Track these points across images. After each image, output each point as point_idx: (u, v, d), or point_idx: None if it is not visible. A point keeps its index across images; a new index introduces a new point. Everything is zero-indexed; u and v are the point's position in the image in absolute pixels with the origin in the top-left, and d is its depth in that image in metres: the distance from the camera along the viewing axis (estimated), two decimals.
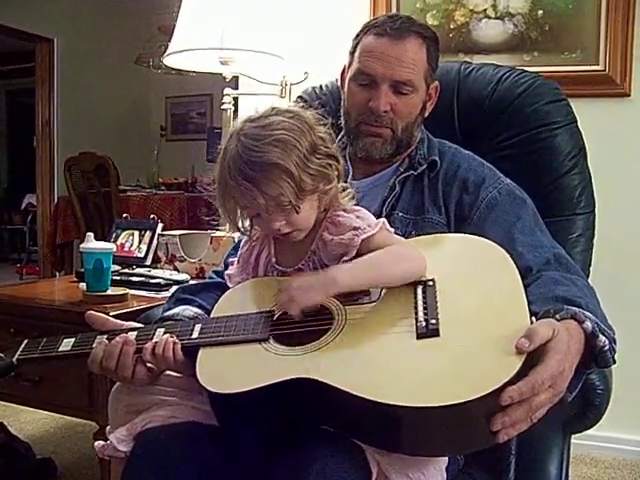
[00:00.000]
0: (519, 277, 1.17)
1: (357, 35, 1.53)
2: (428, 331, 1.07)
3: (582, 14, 2.58)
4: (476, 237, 1.30)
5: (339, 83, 1.63)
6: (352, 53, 1.53)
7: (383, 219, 1.29)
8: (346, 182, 1.35)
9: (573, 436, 1.46)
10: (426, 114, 1.57)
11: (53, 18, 6.03)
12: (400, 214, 1.47)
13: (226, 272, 1.42)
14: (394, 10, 2.78)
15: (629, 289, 2.58)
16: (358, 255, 1.22)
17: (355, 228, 1.23)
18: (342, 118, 1.56)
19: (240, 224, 1.31)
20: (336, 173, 1.26)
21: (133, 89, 6.99)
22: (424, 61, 1.48)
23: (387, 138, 1.50)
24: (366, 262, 1.19)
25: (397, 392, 0.98)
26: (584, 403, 1.33)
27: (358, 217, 1.26)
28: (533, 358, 1.00)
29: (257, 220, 1.27)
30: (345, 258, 1.23)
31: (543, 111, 1.71)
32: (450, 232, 1.44)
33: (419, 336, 1.07)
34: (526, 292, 1.13)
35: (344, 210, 1.28)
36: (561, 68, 2.58)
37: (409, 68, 1.45)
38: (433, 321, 1.08)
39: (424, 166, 1.51)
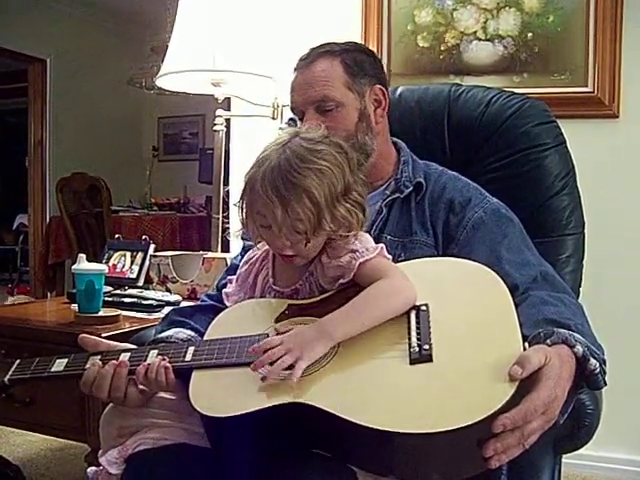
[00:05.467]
0: (511, 301, 1.17)
1: None
2: (421, 356, 1.08)
3: (571, 36, 2.61)
4: (469, 261, 1.31)
5: None
6: None
7: (382, 245, 1.30)
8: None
9: (564, 456, 1.46)
10: (380, 119, 1.55)
11: (46, 38, 6.05)
12: (388, 237, 1.47)
13: (224, 290, 1.43)
14: (385, 32, 2.80)
15: (617, 308, 2.59)
16: (354, 278, 1.23)
17: (353, 251, 1.24)
18: None
19: (249, 227, 1.30)
20: (356, 223, 1.26)
21: (126, 109, 7.00)
22: (339, 73, 1.47)
23: None
24: (359, 307, 1.17)
25: (389, 417, 0.98)
26: (574, 423, 1.32)
27: (357, 240, 1.27)
28: (526, 385, 1.00)
29: (265, 232, 1.25)
30: (342, 281, 1.24)
31: (532, 133, 1.73)
32: (438, 253, 1.45)
33: (412, 361, 1.08)
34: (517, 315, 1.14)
35: None
36: (550, 89, 2.61)
37: (320, 86, 1.46)
38: (426, 346, 1.09)
39: (410, 188, 1.51)
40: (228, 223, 2.64)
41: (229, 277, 1.46)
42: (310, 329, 1.14)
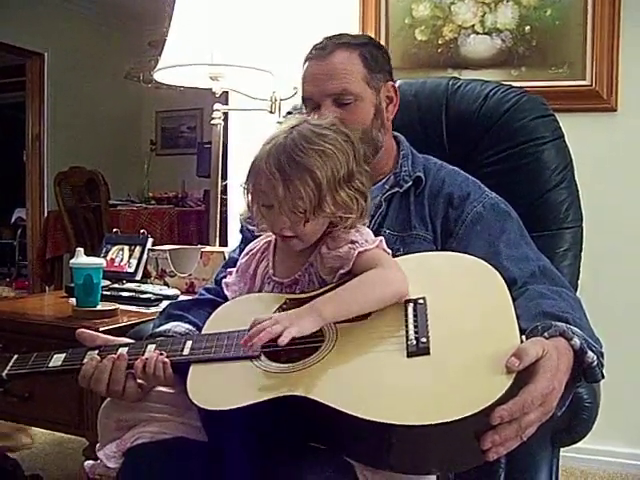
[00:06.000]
0: (509, 294, 1.18)
1: None
2: (418, 349, 1.08)
3: (568, 30, 2.61)
4: (466, 255, 1.31)
5: None
6: None
7: (381, 238, 1.30)
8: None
9: (563, 449, 1.46)
10: (390, 116, 1.56)
11: (44, 32, 6.04)
12: (387, 231, 1.47)
13: (224, 280, 1.43)
14: (383, 26, 2.80)
15: (615, 302, 2.59)
16: (352, 269, 1.23)
17: (352, 242, 1.25)
18: None
19: (252, 209, 1.31)
20: (357, 208, 1.26)
21: (123, 103, 6.99)
22: (359, 67, 1.47)
23: None
24: (349, 292, 1.19)
25: (386, 410, 0.98)
26: (572, 416, 1.33)
27: (357, 231, 1.28)
28: (523, 377, 1.01)
29: (267, 212, 1.26)
30: (341, 271, 1.24)
31: (530, 126, 1.73)
32: (437, 247, 1.45)
33: (410, 354, 1.08)
34: (514, 307, 1.14)
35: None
36: (548, 83, 2.60)
37: (340, 79, 1.45)
38: (424, 339, 1.09)
39: (409, 183, 1.51)
40: (226, 216, 2.64)
41: (229, 269, 1.46)
42: (300, 308, 1.16)
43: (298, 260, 1.32)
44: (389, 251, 1.31)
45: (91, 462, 1.25)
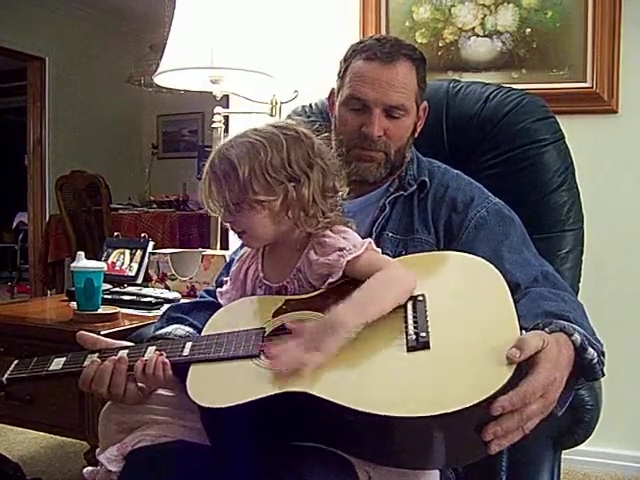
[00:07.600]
0: (508, 291, 1.18)
1: (345, 59, 1.52)
2: (418, 344, 1.08)
3: (569, 32, 2.61)
4: (464, 254, 1.31)
5: (328, 107, 1.64)
6: (341, 77, 1.53)
7: (369, 239, 1.29)
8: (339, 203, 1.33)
9: (565, 452, 1.46)
10: (416, 134, 1.57)
11: (44, 37, 6.04)
12: (390, 234, 1.47)
13: (218, 290, 1.43)
14: (383, 29, 2.80)
15: (616, 304, 2.59)
16: (344, 276, 1.23)
17: (341, 249, 1.24)
18: (333, 142, 1.50)
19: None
20: (295, 198, 1.24)
21: (125, 107, 6.99)
22: (414, 83, 1.48)
23: (381, 161, 1.49)
24: (365, 295, 1.16)
25: (387, 403, 0.98)
26: (574, 419, 1.33)
27: (344, 238, 1.27)
28: (523, 369, 1.01)
29: (215, 209, 1.29)
30: (330, 280, 1.24)
31: (531, 129, 1.73)
32: (439, 251, 1.45)
33: (409, 349, 1.08)
34: (515, 307, 1.14)
35: (331, 230, 1.28)
36: (549, 85, 2.60)
37: (401, 92, 1.45)
38: (423, 334, 1.09)
39: (414, 187, 1.51)
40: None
41: (224, 278, 1.46)
42: (324, 325, 1.11)
43: (286, 265, 1.31)
44: (379, 250, 1.31)
45: (90, 468, 1.25)
